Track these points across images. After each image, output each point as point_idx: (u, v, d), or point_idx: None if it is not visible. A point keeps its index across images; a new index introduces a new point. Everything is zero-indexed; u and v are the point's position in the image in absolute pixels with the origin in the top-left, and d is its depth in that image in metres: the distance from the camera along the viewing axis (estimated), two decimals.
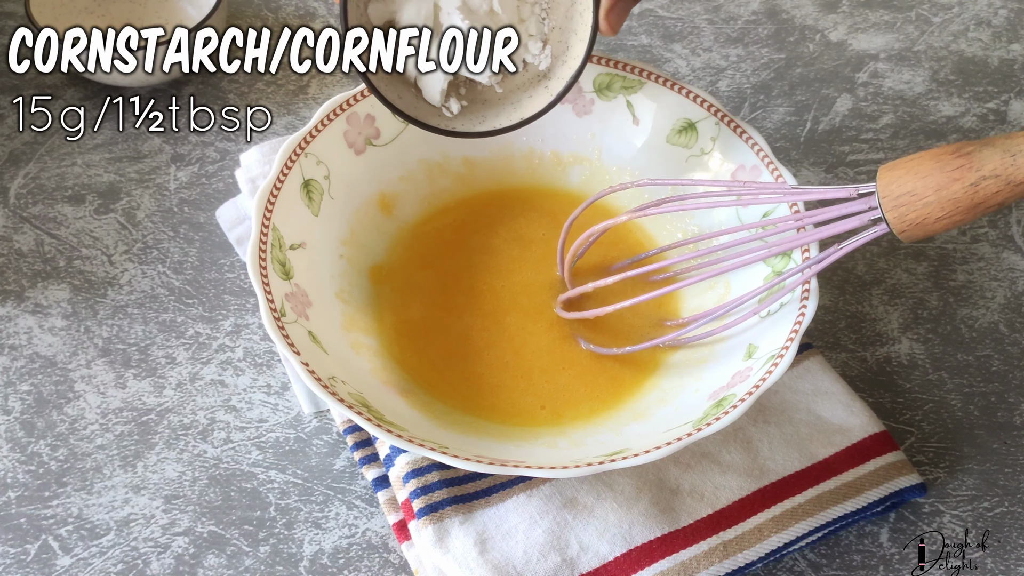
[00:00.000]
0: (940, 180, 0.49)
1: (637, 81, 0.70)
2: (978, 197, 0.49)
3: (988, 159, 0.48)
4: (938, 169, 0.49)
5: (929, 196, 0.50)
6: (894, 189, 0.51)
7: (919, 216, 0.50)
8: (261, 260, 0.60)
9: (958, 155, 0.49)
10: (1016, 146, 0.48)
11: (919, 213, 0.50)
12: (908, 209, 0.50)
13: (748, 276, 0.65)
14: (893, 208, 0.51)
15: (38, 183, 0.77)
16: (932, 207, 0.50)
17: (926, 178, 0.50)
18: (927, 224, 0.50)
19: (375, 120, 0.69)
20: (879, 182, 0.52)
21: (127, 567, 0.59)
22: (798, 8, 0.93)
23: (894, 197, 0.51)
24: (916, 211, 0.50)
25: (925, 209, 0.50)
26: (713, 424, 0.55)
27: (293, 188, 0.64)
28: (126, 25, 0.71)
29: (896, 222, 0.51)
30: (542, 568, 0.57)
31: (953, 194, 0.49)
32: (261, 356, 0.68)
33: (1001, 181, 0.48)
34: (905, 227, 0.51)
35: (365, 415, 0.55)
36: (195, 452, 0.64)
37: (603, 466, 0.54)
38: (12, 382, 0.67)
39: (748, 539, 0.58)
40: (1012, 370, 0.69)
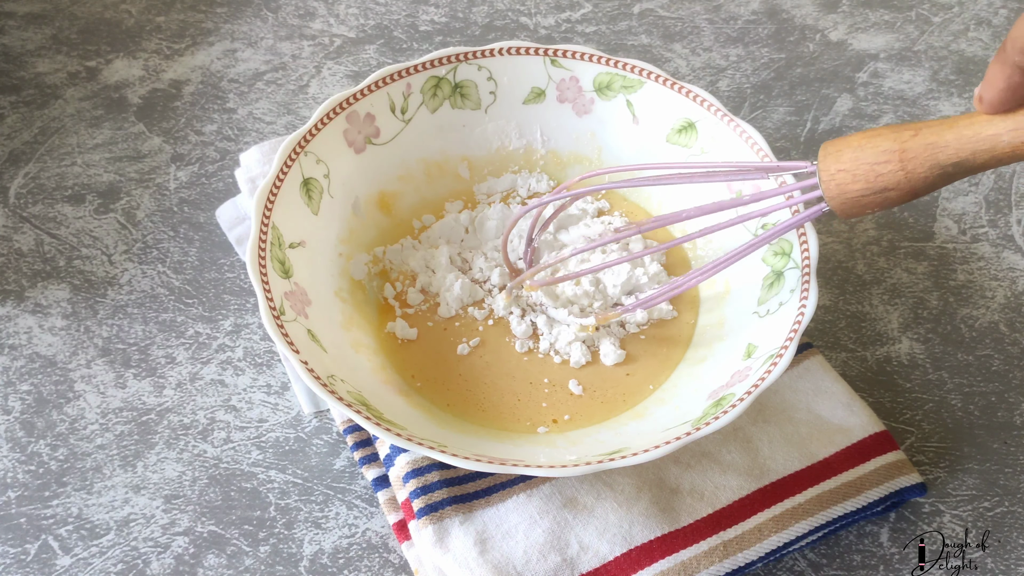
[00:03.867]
0: (864, 155, 0.50)
1: (637, 81, 0.70)
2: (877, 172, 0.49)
3: (906, 133, 0.48)
4: (868, 143, 0.50)
5: (855, 170, 0.50)
6: (830, 164, 0.51)
7: (844, 190, 0.51)
8: (260, 259, 0.60)
9: (891, 130, 0.49)
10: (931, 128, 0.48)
11: (845, 187, 0.51)
12: (838, 183, 0.51)
13: (748, 273, 0.65)
14: (825, 161, 0.51)
15: (38, 183, 0.77)
16: (854, 180, 0.50)
17: (857, 151, 0.50)
18: (850, 197, 0.51)
19: (375, 119, 0.69)
20: (822, 147, 0.52)
21: (127, 567, 0.59)
22: (798, 8, 0.93)
23: (831, 172, 0.51)
24: (843, 184, 0.51)
25: (852, 184, 0.50)
26: (712, 423, 0.55)
27: (293, 187, 0.64)
28: None
29: (829, 195, 0.52)
30: (542, 568, 0.57)
31: (868, 170, 0.50)
32: (261, 356, 0.68)
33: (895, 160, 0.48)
34: (835, 202, 0.51)
35: (364, 414, 0.55)
36: (195, 452, 0.64)
37: (602, 465, 0.54)
38: (12, 382, 0.67)
39: (748, 539, 0.58)
40: (1012, 370, 0.69)
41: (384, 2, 0.93)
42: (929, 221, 0.77)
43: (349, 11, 0.92)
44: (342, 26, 0.91)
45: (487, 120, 0.72)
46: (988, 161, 0.47)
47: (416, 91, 0.70)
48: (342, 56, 0.88)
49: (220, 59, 0.88)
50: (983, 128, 0.46)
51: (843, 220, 0.76)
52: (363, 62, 0.88)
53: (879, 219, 0.77)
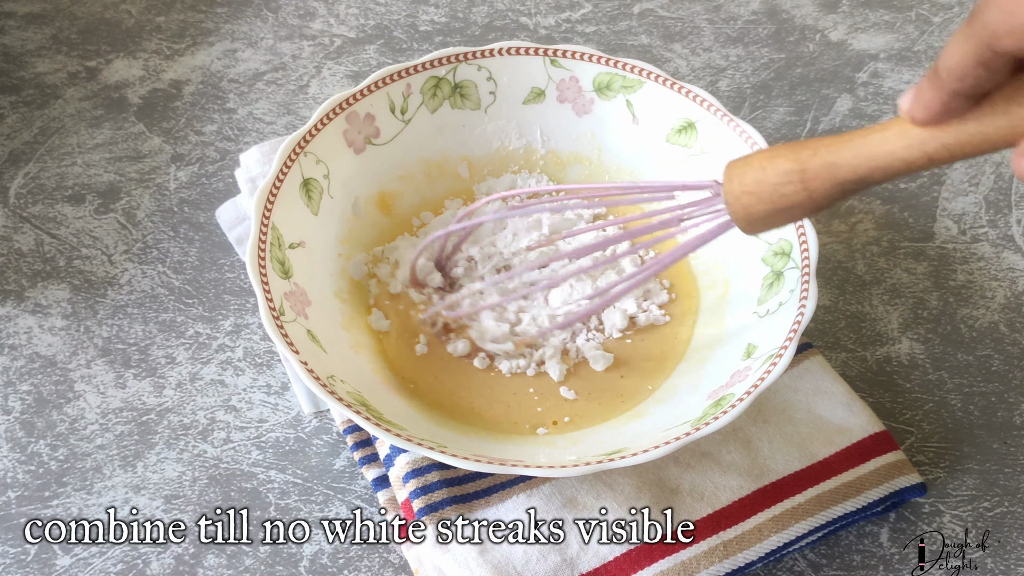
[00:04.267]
0: (767, 177, 0.50)
1: (637, 81, 0.70)
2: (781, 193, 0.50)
3: (804, 152, 0.49)
4: (770, 165, 0.50)
5: (759, 192, 0.51)
6: (735, 187, 0.52)
7: (750, 212, 0.51)
8: (260, 259, 0.60)
9: (790, 150, 0.50)
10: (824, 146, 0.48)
11: (751, 208, 0.51)
12: (743, 205, 0.51)
13: (748, 273, 0.65)
14: (729, 183, 0.52)
15: (38, 183, 0.77)
16: (759, 202, 0.51)
17: (759, 172, 0.51)
18: (756, 217, 0.51)
19: (375, 119, 0.69)
20: (726, 167, 0.53)
21: (127, 567, 0.59)
22: (798, 8, 0.93)
23: (736, 195, 0.52)
24: (749, 207, 0.51)
25: (758, 205, 0.51)
26: (712, 423, 0.55)
27: (292, 187, 0.64)
28: None
29: (736, 216, 0.52)
30: (542, 568, 0.57)
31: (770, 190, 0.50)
32: (261, 356, 0.68)
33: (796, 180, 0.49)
34: (743, 223, 0.52)
35: (364, 414, 0.55)
36: (195, 452, 0.64)
37: (602, 465, 0.54)
38: (12, 382, 0.67)
39: (748, 539, 0.58)
40: (1012, 370, 0.69)
41: (384, 2, 0.93)
42: (929, 221, 0.77)
43: (349, 11, 0.92)
44: (342, 26, 0.91)
45: (487, 120, 0.72)
46: (885, 177, 0.47)
47: (416, 91, 0.70)
48: (342, 56, 0.88)
49: (220, 59, 0.88)
50: (877, 147, 0.46)
51: (843, 219, 0.76)
52: (363, 62, 0.88)
53: (879, 219, 0.77)
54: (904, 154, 0.46)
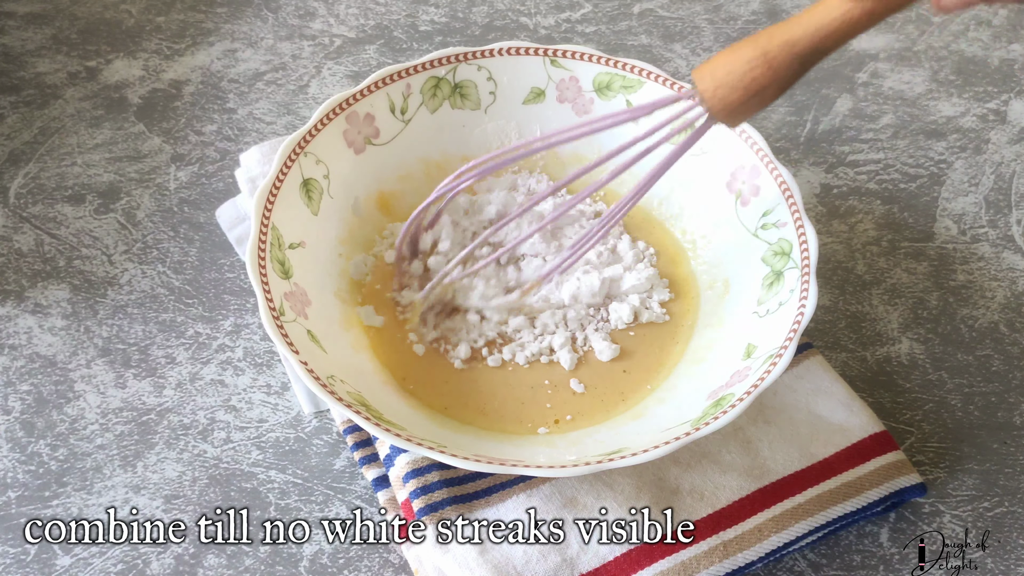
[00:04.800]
0: (735, 67, 0.55)
1: (637, 81, 0.70)
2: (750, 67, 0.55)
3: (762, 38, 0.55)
4: (735, 56, 0.55)
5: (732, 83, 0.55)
6: (708, 84, 0.56)
7: (727, 102, 0.56)
8: (260, 259, 0.60)
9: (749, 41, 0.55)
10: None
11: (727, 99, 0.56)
12: (720, 98, 0.56)
13: (748, 273, 0.65)
14: (702, 83, 0.56)
15: (38, 183, 0.77)
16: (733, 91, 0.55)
17: (728, 66, 0.56)
18: (734, 106, 0.56)
19: (375, 119, 0.69)
20: (694, 73, 0.57)
21: (127, 567, 0.59)
22: (798, 8, 0.93)
23: (711, 91, 0.56)
24: (725, 98, 0.56)
25: (732, 94, 0.55)
26: (712, 423, 0.55)
27: (292, 187, 0.64)
28: None
29: (715, 110, 0.56)
30: (542, 568, 0.57)
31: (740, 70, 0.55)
32: (261, 356, 0.68)
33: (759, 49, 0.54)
34: (722, 114, 0.56)
35: (364, 414, 0.55)
36: (195, 452, 0.64)
37: (602, 465, 0.54)
38: (12, 382, 0.67)
39: (748, 539, 0.58)
40: (1012, 370, 0.69)
41: (384, 2, 0.93)
42: (929, 221, 0.77)
43: (349, 11, 0.92)
44: (342, 26, 0.91)
45: (487, 120, 0.72)
46: (835, 44, 0.54)
47: (416, 91, 0.70)
48: (342, 56, 0.88)
49: (220, 59, 0.88)
50: (824, 18, 0.53)
51: (843, 219, 0.76)
52: (363, 62, 0.88)
53: (879, 219, 0.77)
54: (846, 18, 0.53)
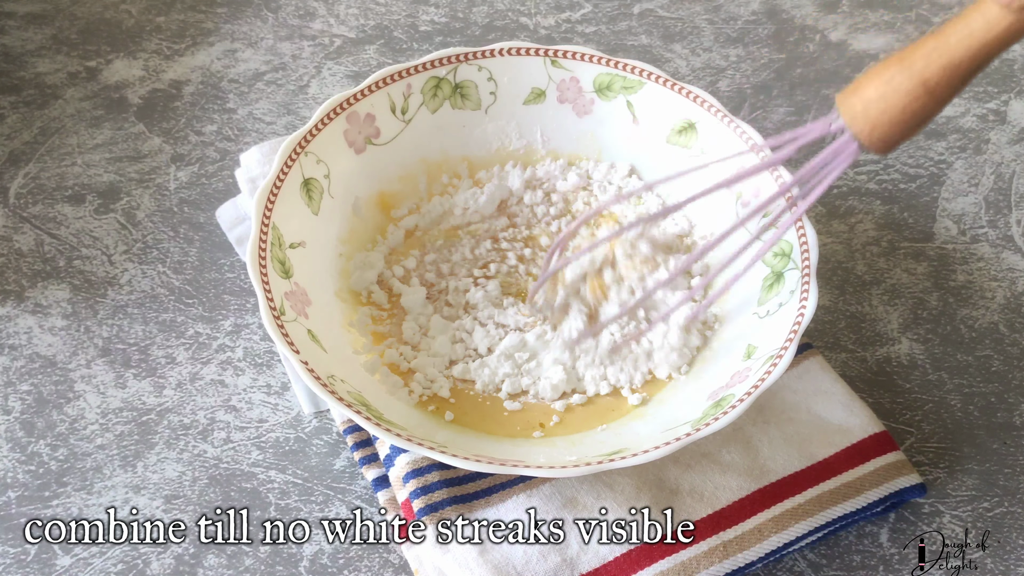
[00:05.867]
0: (891, 101, 0.51)
1: (637, 81, 0.70)
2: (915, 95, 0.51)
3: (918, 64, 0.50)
4: (889, 89, 0.51)
5: (891, 120, 0.51)
6: (862, 126, 0.52)
7: (888, 140, 0.52)
8: (261, 259, 0.60)
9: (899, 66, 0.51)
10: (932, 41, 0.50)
11: (888, 138, 0.52)
12: (880, 138, 0.52)
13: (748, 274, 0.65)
14: (855, 124, 0.52)
15: (38, 183, 0.77)
16: (891, 127, 0.52)
17: (881, 102, 0.51)
18: (887, 129, 0.52)
19: (375, 119, 0.69)
20: (840, 107, 0.53)
21: (127, 567, 0.59)
22: (798, 8, 0.93)
23: (866, 132, 0.52)
24: (886, 138, 0.52)
25: (892, 131, 0.52)
26: (712, 424, 0.55)
27: (293, 187, 0.64)
28: None
29: (863, 135, 0.52)
30: (542, 568, 0.57)
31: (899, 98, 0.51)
32: (261, 356, 0.68)
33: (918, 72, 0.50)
34: (871, 139, 0.52)
35: (364, 414, 0.55)
36: (195, 452, 0.64)
37: (601, 466, 0.54)
38: (12, 382, 0.67)
39: (748, 539, 0.58)
40: (1012, 370, 0.69)
41: (384, 2, 0.93)
42: (929, 222, 0.77)
43: (349, 11, 0.92)
44: (342, 26, 0.91)
45: (487, 120, 0.72)
46: (991, 59, 0.50)
47: (416, 91, 0.70)
48: (342, 56, 0.88)
49: (220, 59, 0.88)
50: (985, 34, 0.49)
51: (843, 220, 0.76)
52: (363, 62, 0.88)
53: (879, 219, 0.77)
54: (1007, 33, 0.48)
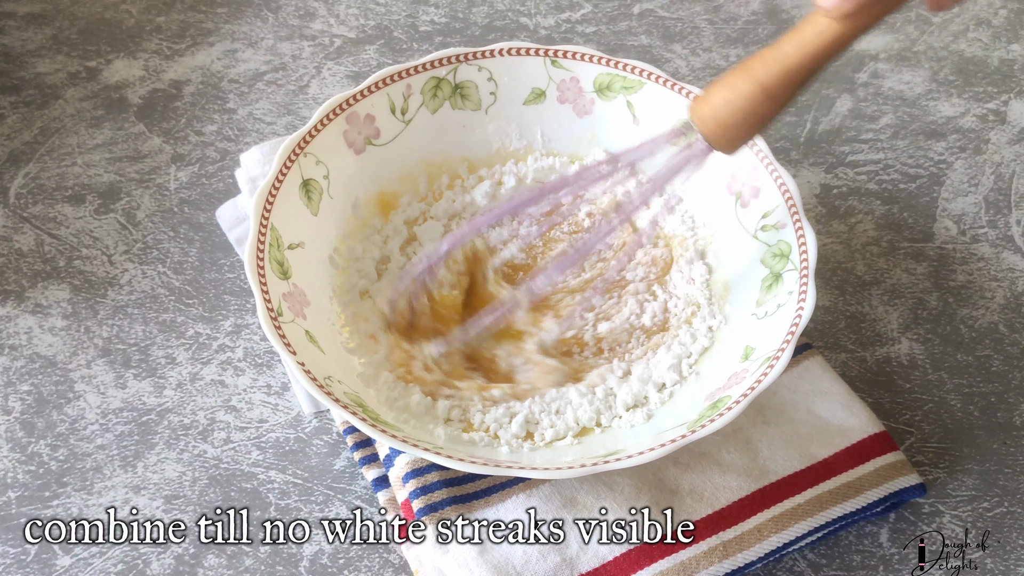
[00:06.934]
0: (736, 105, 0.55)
1: (637, 81, 0.70)
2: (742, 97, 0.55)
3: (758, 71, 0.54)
4: (733, 95, 0.55)
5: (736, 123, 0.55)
6: (711, 127, 0.56)
7: (732, 140, 0.56)
8: (259, 259, 0.60)
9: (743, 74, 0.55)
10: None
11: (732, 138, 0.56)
12: (725, 138, 0.56)
13: (746, 275, 0.65)
14: (703, 125, 0.56)
15: (38, 183, 0.78)
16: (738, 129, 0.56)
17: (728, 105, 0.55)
18: (731, 129, 0.56)
19: (375, 120, 0.69)
20: (691, 112, 0.57)
21: (127, 567, 0.59)
22: (798, 8, 0.93)
23: (713, 132, 0.56)
24: (731, 138, 0.56)
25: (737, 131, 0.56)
26: (708, 426, 0.55)
27: (292, 188, 0.64)
28: None
29: (721, 149, 0.57)
30: (542, 568, 0.57)
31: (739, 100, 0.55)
32: (261, 356, 0.68)
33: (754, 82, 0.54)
34: (727, 150, 0.57)
35: (360, 415, 0.55)
36: (195, 452, 0.64)
37: (598, 467, 0.54)
38: (12, 382, 0.67)
39: (748, 539, 0.58)
40: (1012, 370, 0.69)
41: (384, 2, 0.93)
42: (929, 222, 0.77)
43: (349, 11, 0.92)
44: (342, 26, 0.91)
45: (487, 121, 0.72)
46: (829, 61, 0.54)
47: (416, 92, 0.70)
48: (342, 56, 0.88)
49: (220, 59, 0.88)
50: (816, 42, 0.53)
51: (842, 220, 0.76)
52: (363, 62, 0.88)
53: (879, 220, 0.77)
54: (836, 41, 0.53)
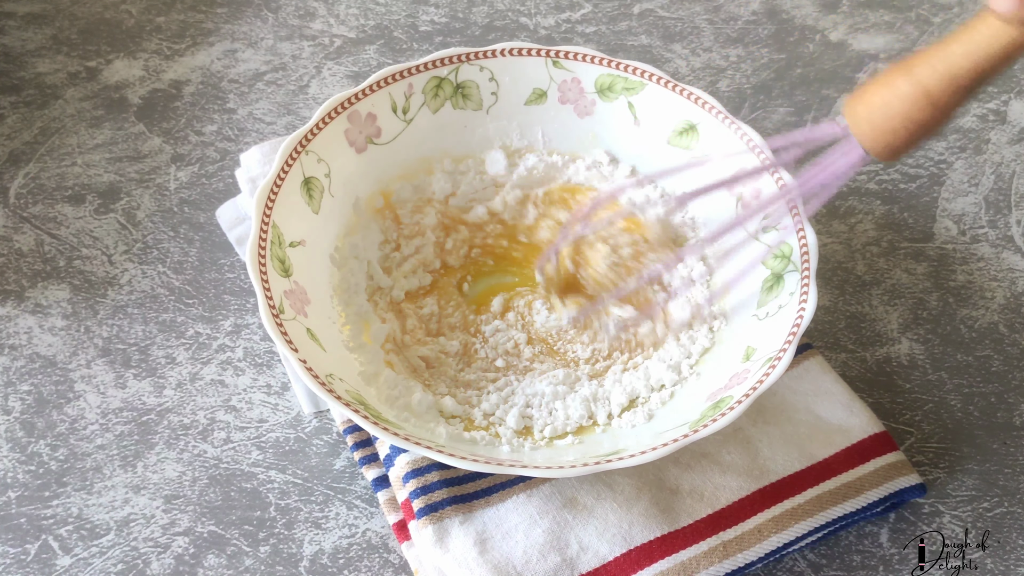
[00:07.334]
0: (894, 110, 0.52)
1: (639, 82, 0.70)
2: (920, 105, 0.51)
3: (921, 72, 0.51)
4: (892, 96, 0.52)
5: (894, 128, 0.52)
6: (866, 130, 0.53)
7: (892, 147, 0.53)
8: (260, 257, 0.60)
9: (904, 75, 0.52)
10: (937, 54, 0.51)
11: (892, 145, 0.53)
12: (885, 144, 0.53)
13: (746, 271, 0.65)
14: (859, 129, 0.53)
15: (38, 183, 0.78)
16: (895, 135, 0.53)
17: (885, 108, 0.52)
18: (890, 136, 0.53)
19: (376, 119, 0.69)
20: (845, 113, 0.54)
21: (127, 567, 0.59)
22: (798, 8, 0.93)
23: (870, 137, 0.53)
24: (891, 144, 0.53)
25: (895, 139, 0.53)
26: (710, 426, 0.55)
27: (293, 186, 0.64)
28: None
29: (879, 156, 0.54)
30: (542, 568, 0.57)
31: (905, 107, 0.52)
32: (261, 356, 0.68)
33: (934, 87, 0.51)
34: (885, 157, 0.54)
35: (362, 413, 0.55)
36: (195, 452, 0.64)
37: (599, 467, 0.54)
38: (12, 382, 0.67)
39: (748, 539, 0.58)
40: (1012, 370, 0.69)
41: (384, 2, 0.93)
42: (929, 222, 0.77)
43: (349, 11, 0.92)
44: (342, 26, 0.91)
45: (489, 121, 0.72)
46: (996, 72, 0.50)
47: (418, 91, 0.70)
48: (342, 56, 0.88)
49: (220, 59, 0.88)
50: (990, 45, 0.49)
51: (842, 220, 0.76)
52: (363, 62, 0.88)
53: (879, 220, 0.77)
54: (1012, 46, 0.49)
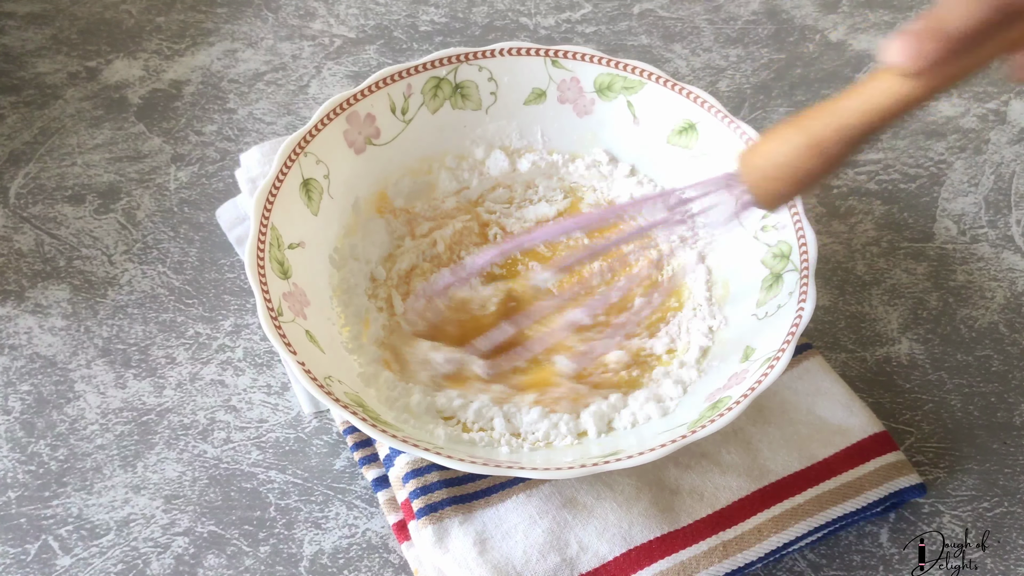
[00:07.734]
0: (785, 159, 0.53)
1: (638, 81, 0.70)
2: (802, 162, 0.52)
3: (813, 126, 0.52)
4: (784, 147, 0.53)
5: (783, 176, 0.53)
6: (757, 178, 0.54)
7: (777, 195, 0.54)
8: (259, 259, 0.60)
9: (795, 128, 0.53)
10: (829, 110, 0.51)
11: (777, 193, 0.54)
12: (772, 192, 0.54)
13: (746, 275, 0.65)
14: (748, 175, 0.54)
15: (38, 183, 0.78)
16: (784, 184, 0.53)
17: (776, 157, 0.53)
18: (777, 183, 0.53)
19: (375, 119, 0.69)
20: (739, 161, 0.55)
21: (127, 567, 0.59)
22: (798, 8, 0.93)
23: (760, 186, 0.54)
24: (776, 193, 0.54)
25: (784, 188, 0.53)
26: (708, 426, 0.55)
27: (292, 187, 0.64)
28: None
29: (765, 204, 0.55)
30: (542, 568, 0.57)
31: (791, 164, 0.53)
32: (261, 356, 0.68)
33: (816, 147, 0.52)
34: (760, 191, 0.54)
35: (360, 415, 0.55)
36: (195, 452, 0.64)
37: (597, 467, 0.54)
38: (12, 382, 0.67)
39: (748, 539, 0.58)
40: (1012, 370, 0.69)
41: (384, 2, 0.93)
42: (929, 222, 0.77)
43: (349, 11, 0.92)
44: (342, 26, 0.91)
45: (488, 121, 0.72)
46: (887, 126, 0.51)
47: (417, 91, 0.70)
48: (342, 56, 0.88)
49: (220, 59, 0.88)
50: (882, 100, 0.50)
51: (842, 220, 0.76)
52: (363, 62, 0.88)
53: (879, 220, 0.77)
54: (904, 100, 0.49)
